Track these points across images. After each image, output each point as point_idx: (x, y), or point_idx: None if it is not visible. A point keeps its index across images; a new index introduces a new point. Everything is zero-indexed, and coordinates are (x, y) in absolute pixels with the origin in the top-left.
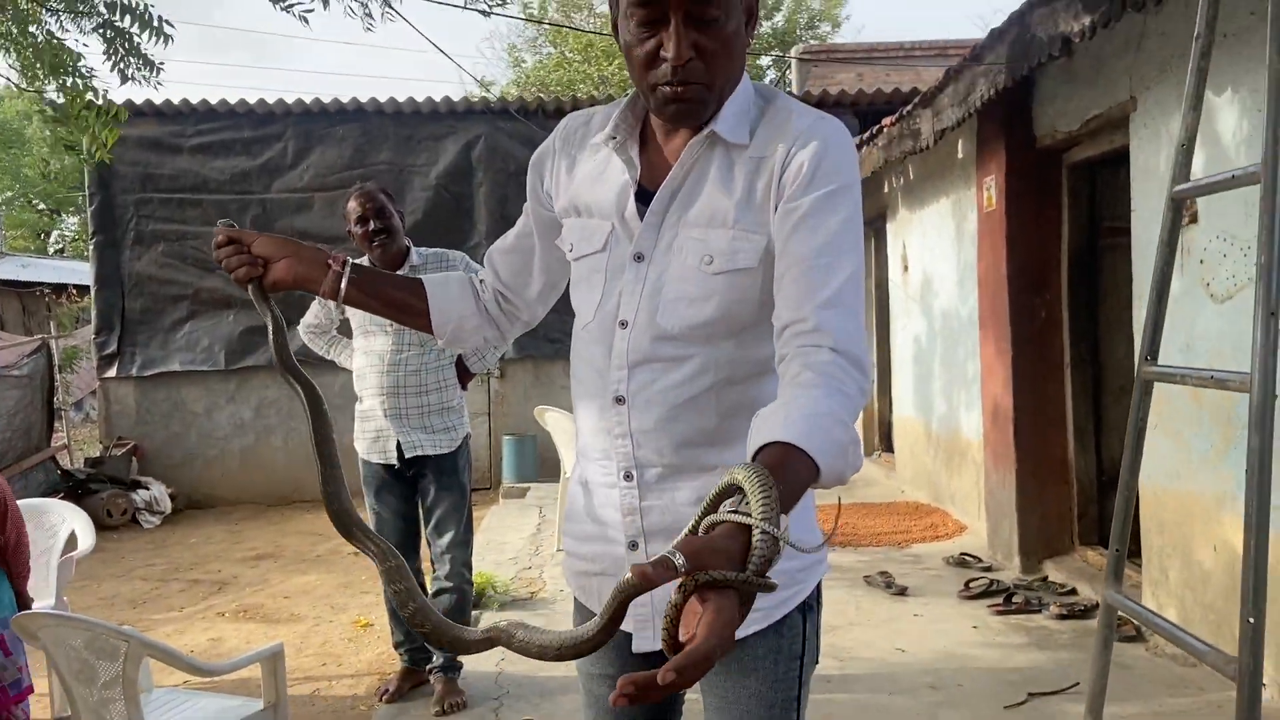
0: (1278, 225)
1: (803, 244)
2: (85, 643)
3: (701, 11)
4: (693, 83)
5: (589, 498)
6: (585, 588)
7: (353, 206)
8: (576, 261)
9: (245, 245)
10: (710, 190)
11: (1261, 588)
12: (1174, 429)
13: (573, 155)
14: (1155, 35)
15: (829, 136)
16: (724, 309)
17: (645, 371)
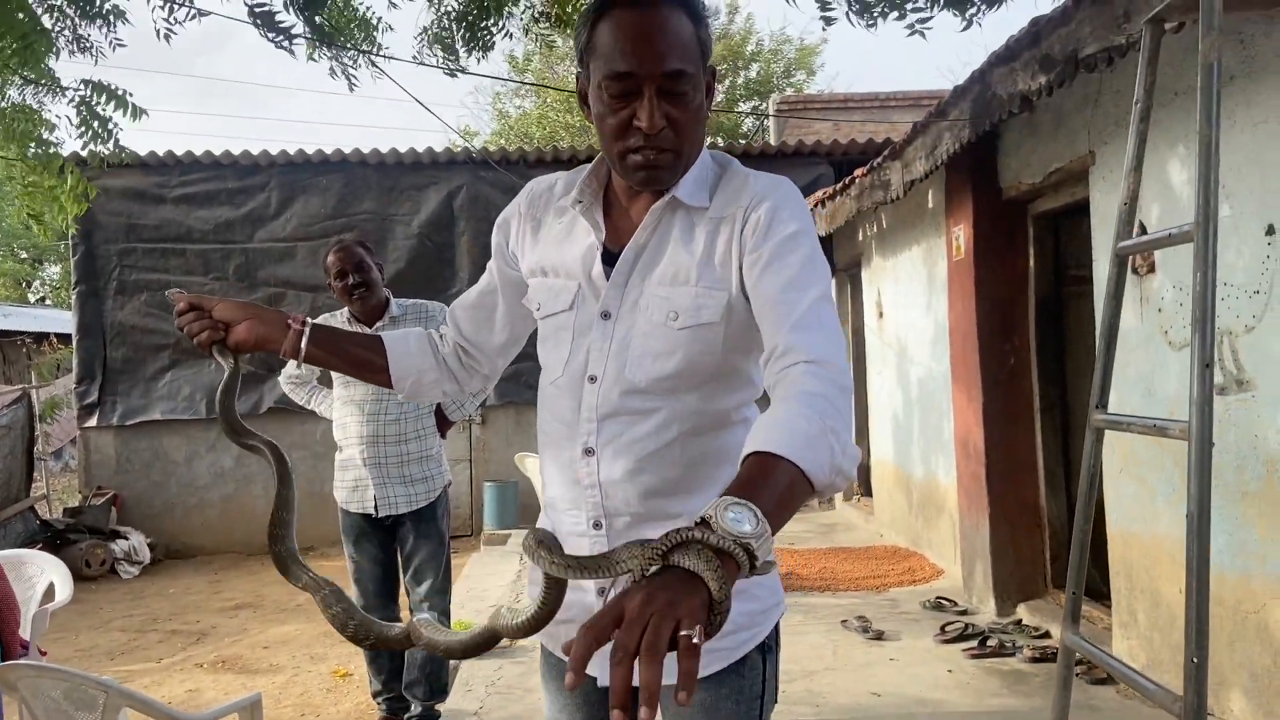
0: (1210, 282)
1: (770, 285)
2: (64, 693)
3: (673, 86)
4: (665, 149)
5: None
6: (554, 634)
7: (332, 261)
8: (544, 320)
9: (206, 311)
10: (673, 251)
11: (1204, 629)
12: (1139, 474)
13: (538, 218)
14: (1110, 93)
15: (781, 192)
16: (688, 362)
17: (614, 424)
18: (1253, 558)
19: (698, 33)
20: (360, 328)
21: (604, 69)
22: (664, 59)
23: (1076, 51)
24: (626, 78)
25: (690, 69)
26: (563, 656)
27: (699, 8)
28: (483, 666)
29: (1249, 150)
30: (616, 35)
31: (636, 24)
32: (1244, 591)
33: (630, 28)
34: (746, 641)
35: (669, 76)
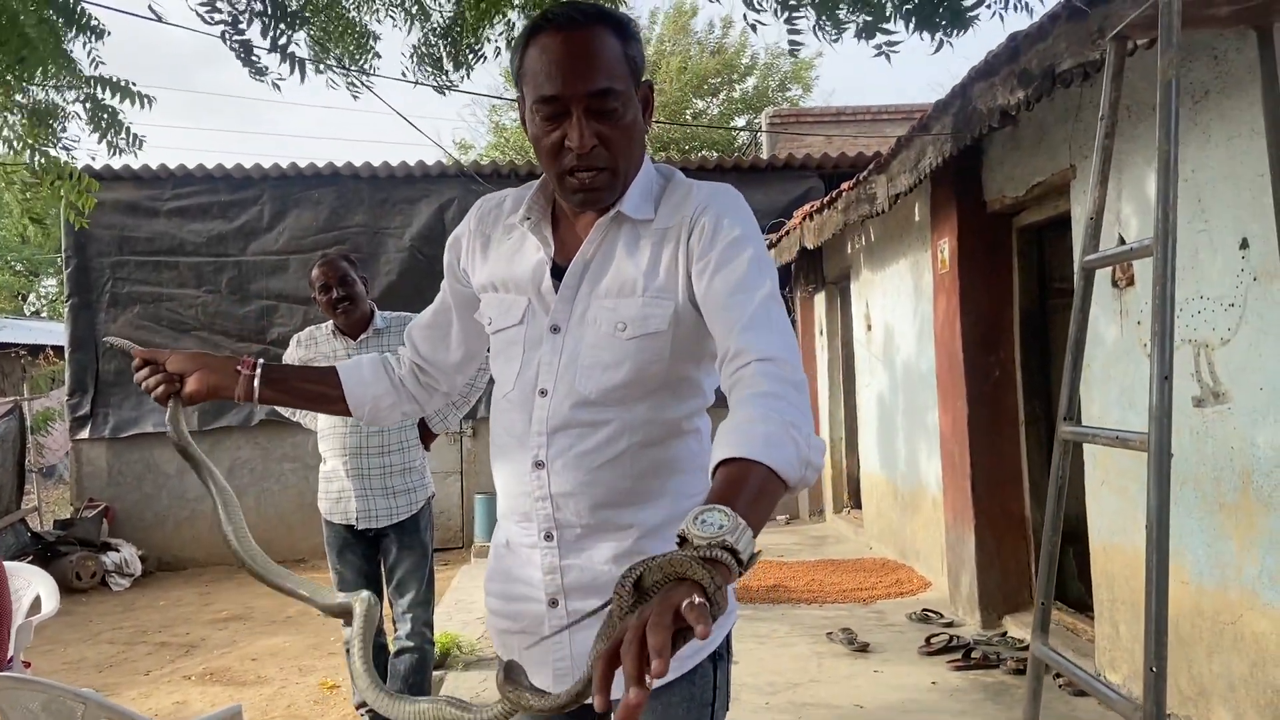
0: (1168, 295)
1: (719, 288)
2: (42, 705)
3: (600, 104)
4: (599, 168)
5: (510, 557)
6: (508, 645)
7: (316, 275)
8: (495, 334)
9: (159, 365)
10: (619, 263)
11: (1163, 639)
12: (1120, 486)
13: (487, 235)
14: (1090, 107)
15: (723, 200)
16: (637, 371)
17: (564, 437)
18: (1230, 569)
19: (626, 50)
20: (345, 340)
21: (534, 93)
22: (589, 79)
23: (1054, 66)
24: (554, 100)
25: (618, 86)
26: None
27: (626, 25)
28: (468, 678)
29: (1223, 164)
30: (543, 59)
31: (561, 46)
32: (1222, 602)
33: (556, 50)
34: (699, 650)
35: (595, 96)
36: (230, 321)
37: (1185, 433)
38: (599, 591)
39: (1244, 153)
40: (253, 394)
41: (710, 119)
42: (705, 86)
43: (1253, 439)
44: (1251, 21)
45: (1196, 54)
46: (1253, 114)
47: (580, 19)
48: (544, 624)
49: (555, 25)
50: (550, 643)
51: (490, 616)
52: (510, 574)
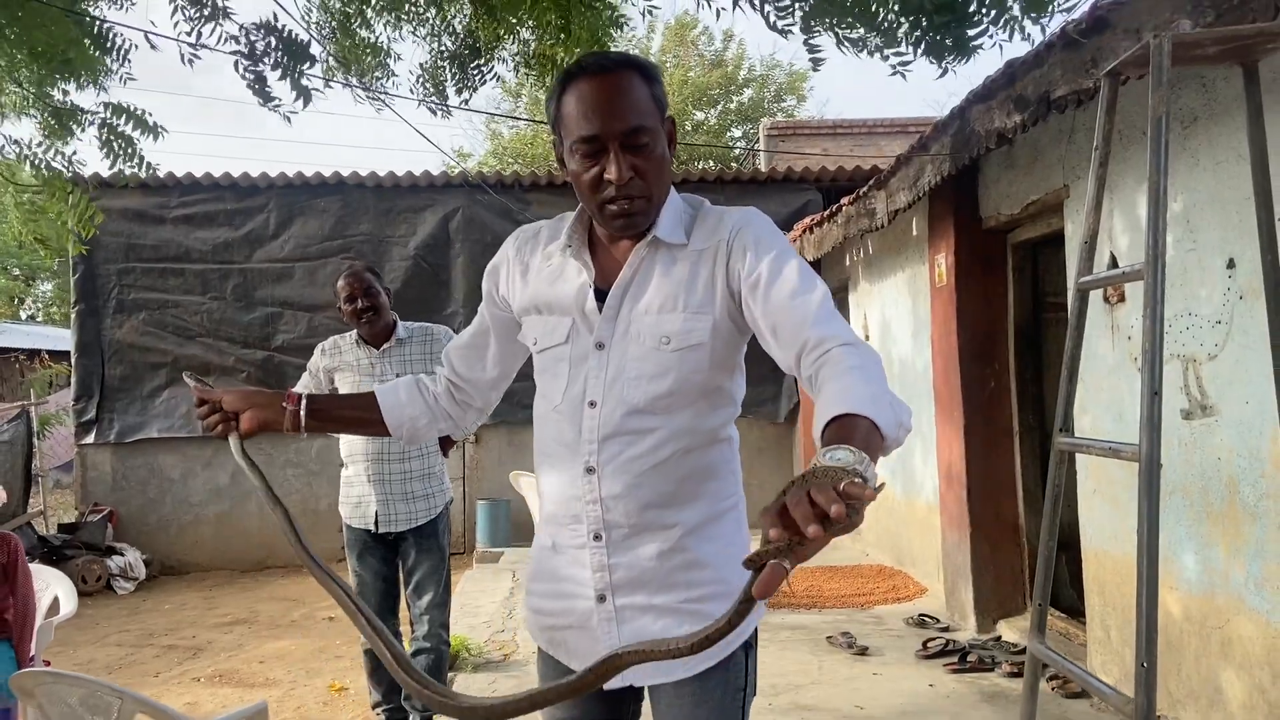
0: (1158, 316)
1: (778, 296)
2: (80, 699)
3: (634, 140)
4: (635, 197)
5: (557, 558)
6: (554, 640)
7: (342, 286)
8: (541, 353)
9: (215, 404)
10: (658, 283)
11: (1153, 636)
12: (1112, 494)
13: (525, 263)
14: (1084, 130)
15: (757, 221)
16: (680, 381)
17: (614, 444)
18: (1217, 575)
19: (652, 91)
20: (368, 349)
21: (573, 134)
22: (623, 118)
23: (1049, 93)
24: (593, 140)
25: (648, 123)
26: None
27: (651, 69)
28: (477, 680)
29: (1211, 188)
30: (580, 103)
31: (596, 91)
32: (1209, 608)
33: (591, 95)
34: (733, 640)
35: (629, 133)
36: (235, 328)
37: (1174, 444)
38: (645, 586)
39: (1231, 177)
40: (299, 425)
41: (709, 129)
42: (705, 98)
43: (1239, 450)
44: (1237, 59)
45: (1187, 82)
46: (1239, 140)
47: (610, 65)
48: (592, 618)
49: (588, 72)
50: (599, 634)
51: (534, 615)
52: (558, 574)
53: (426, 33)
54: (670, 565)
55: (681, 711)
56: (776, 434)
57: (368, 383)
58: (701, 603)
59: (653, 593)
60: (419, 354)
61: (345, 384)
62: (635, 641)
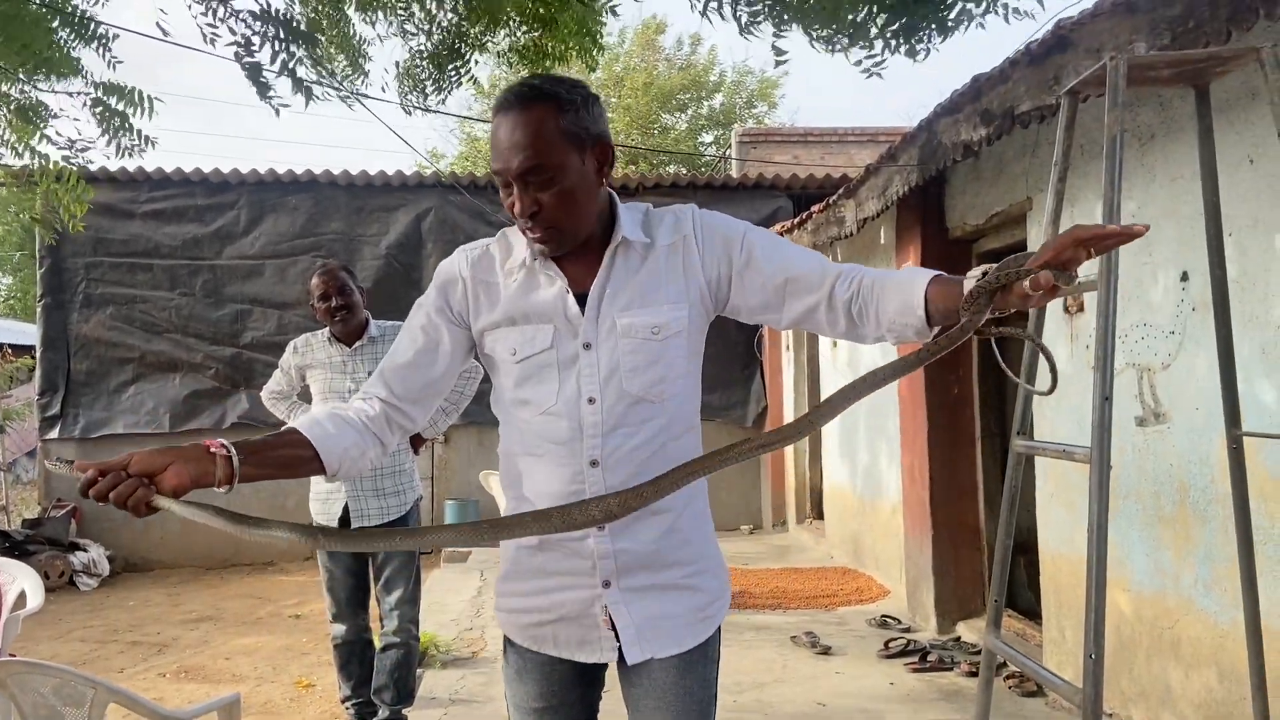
0: (1110, 326)
1: (780, 256)
2: (53, 689)
3: (533, 177)
4: (545, 227)
5: (544, 554)
6: (539, 636)
7: (316, 284)
8: (522, 362)
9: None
10: (636, 280)
11: (1100, 628)
12: (1068, 499)
13: (487, 281)
14: (1047, 144)
15: (706, 214)
16: (667, 368)
17: (616, 437)
18: (1168, 577)
19: (562, 123)
20: (340, 347)
21: (492, 164)
22: (519, 159)
23: (1013, 108)
24: (501, 174)
25: (551, 160)
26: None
27: (567, 99)
28: (445, 676)
29: (1166, 202)
30: (494, 136)
31: (505, 127)
32: (1160, 609)
33: (501, 131)
34: (715, 616)
35: (526, 173)
36: (204, 325)
37: (1128, 450)
38: (647, 568)
39: (1185, 192)
40: (234, 476)
41: (678, 134)
42: (673, 102)
43: (1190, 456)
44: (1190, 81)
45: (1145, 100)
46: (1193, 157)
47: (519, 102)
48: (594, 605)
49: (504, 106)
50: (599, 620)
51: (512, 615)
52: (546, 569)
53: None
54: (668, 545)
55: (668, 679)
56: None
57: (339, 380)
58: (693, 577)
59: (654, 572)
60: None
61: (317, 382)
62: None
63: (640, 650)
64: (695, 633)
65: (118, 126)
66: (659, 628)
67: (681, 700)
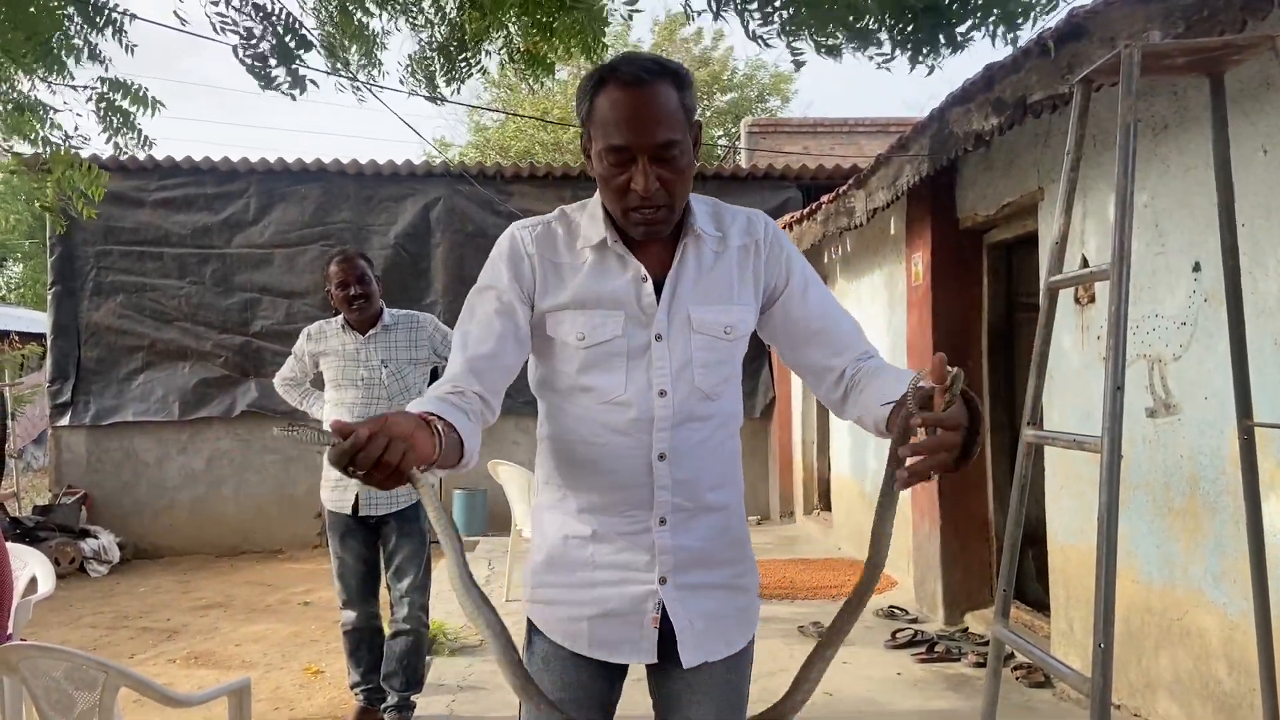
0: (1122, 315)
1: (826, 306)
2: (65, 673)
3: (663, 153)
4: (660, 206)
5: (596, 546)
6: (574, 631)
7: (334, 271)
8: (590, 348)
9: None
10: (709, 277)
11: (1110, 618)
12: (1078, 490)
13: (555, 261)
14: (1059, 133)
15: (781, 230)
16: (734, 368)
17: (685, 430)
18: (1177, 569)
19: (682, 99)
20: (354, 335)
21: (603, 140)
22: (654, 133)
23: (1025, 97)
24: (623, 150)
25: (677, 136)
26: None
27: (683, 76)
28: (454, 664)
29: (1179, 193)
30: (613, 111)
31: (629, 102)
32: (1169, 600)
33: (624, 105)
34: (756, 617)
35: (660, 147)
36: (213, 313)
37: (1139, 442)
38: (701, 565)
39: (1199, 183)
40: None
41: None
42: None
43: (1200, 448)
44: (1205, 70)
45: (1159, 90)
46: (1207, 148)
47: (646, 76)
48: (647, 601)
49: (624, 81)
50: (647, 617)
51: (548, 607)
52: (595, 562)
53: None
54: (721, 544)
55: (714, 679)
56: (751, 428)
57: (352, 368)
58: (740, 578)
59: (708, 570)
60: (404, 340)
61: (330, 369)
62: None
63: (697, 652)
64: (744, 633)
65: (119, 124)
66: (713, 628)
67: (726, 695)
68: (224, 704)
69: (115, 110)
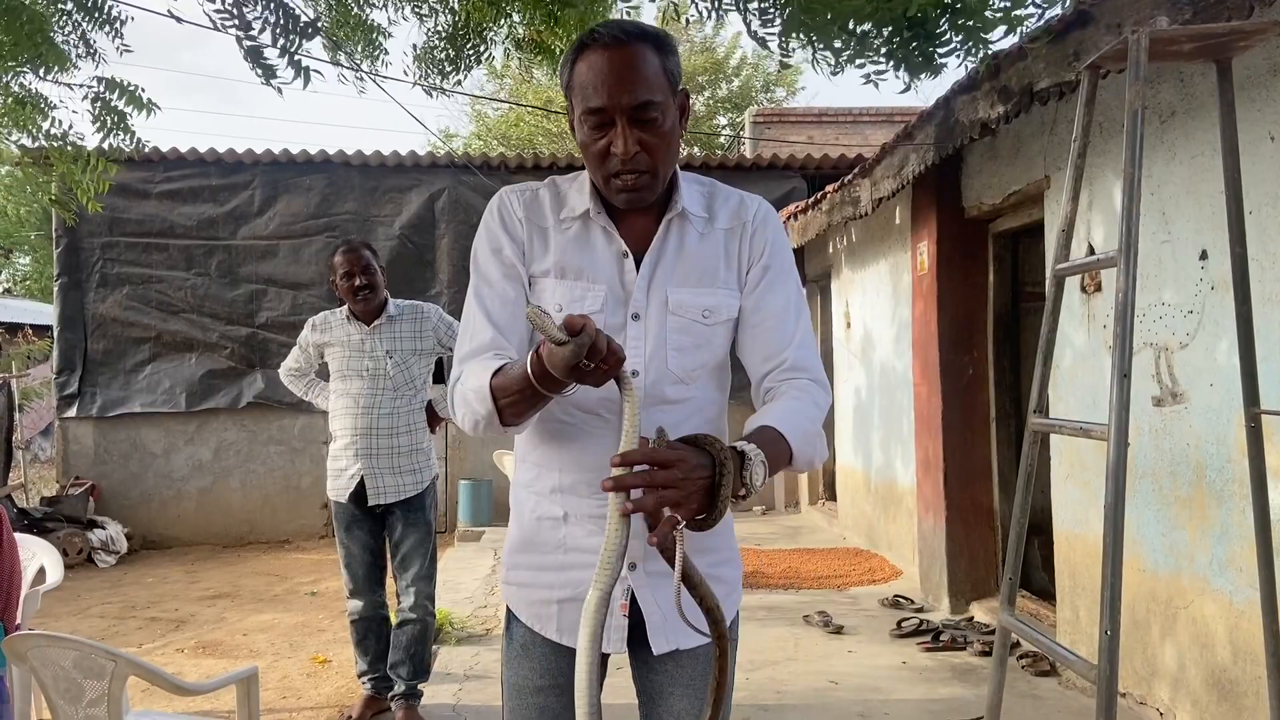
0: (1129, 302)
1: (774, 302)
2: (74, 662)
3: (641, 115)
4: (641, 171)
5: (567, 529)
6: (543, 615)
7: (340, 261)
8: None
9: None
10: (692, 257)
11: (1117, 605)
12: (1084, 479)
13: (542, 226)
14: (1065, 121)
15: (774, 217)
16: (711, 354)
17: (655, 414)
18: (1183, 557)
19: (664, 63)
20: (358, 325)
21: (582, 104)
22: (632, 93)
23: (1032, 85)
24: (601, 112)
25: (658, 98)
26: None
27: (665, 41)
28: (460, 652)
29: (1186, 181)
30: (590, 74)
31: (608, 63)
32: (1175, 588)
33: (602, 66)
34: (734, 606)
35: (637, 108)
36: (219, 304)
37: (1145, 430)
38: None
39: (1206, 171)
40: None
41: (694, 116)
42: (692, 83)
43: (1207, 436)
44: (1212, 56)
45: (1166, 77)
46: (1214, 135)
47: (624, 37)
48: (616, 587)
49: (601, 43)
50: (615, 604)
51: (520, 589)
52: (567, 544)
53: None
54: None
55: (696, 671)
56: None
57: (357, 359)
58: (717, 567)
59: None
60: (409, 331)
61: (335, 359)
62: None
63: (666, 640)
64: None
65: (114, 124)
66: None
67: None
68: (232, 693)
69: (110, 110)
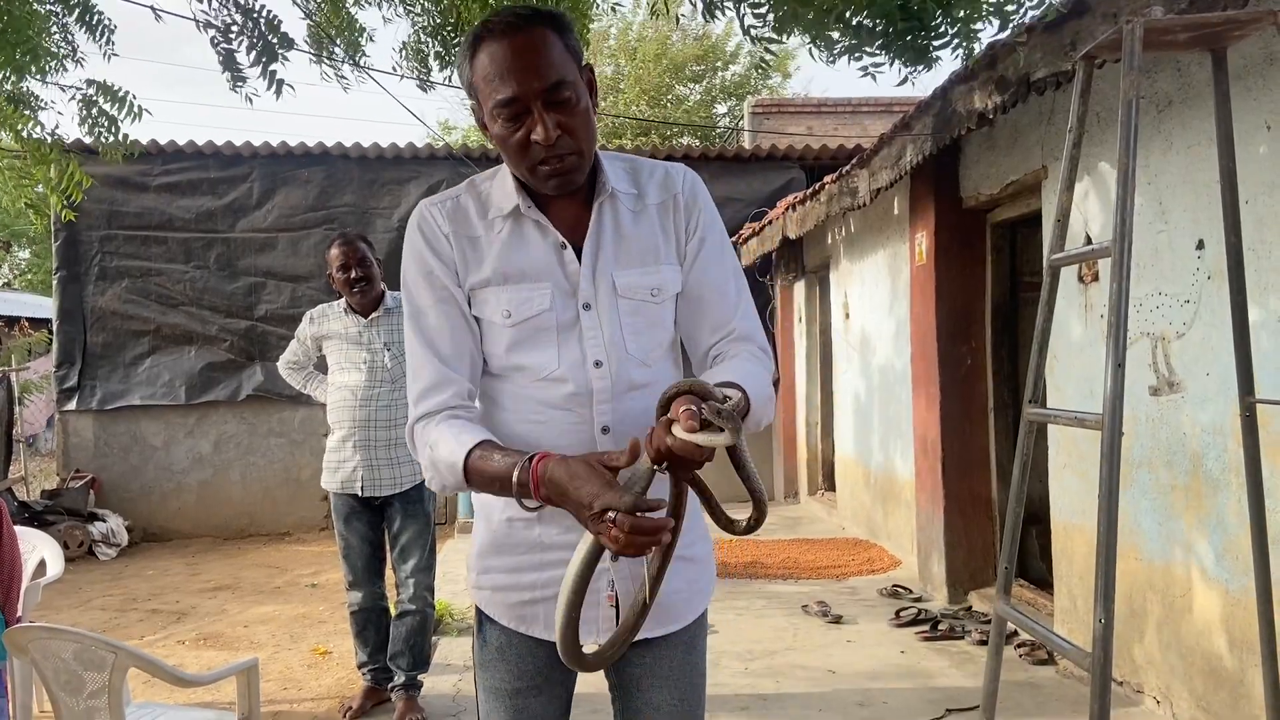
0: (1123, 292)
1: (715, 273)
2: (74, 654)
3: (556, 96)
4: (567, 154)
5: (544, 526)
6: (524, 615)
7: (335, 254)
8: (518, 325)
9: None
10: (631, 238)
11: (1110, 593)
12: (1082, 469)
13: (471, 235)
14: (1062, 111)
15: (701, 185)
16: (666, 331)
17: (625, 401)
18: (1180, 546)
19: (566, 42)
20: (355, 318)
21: (491, 98)
22: (542, 76)
23: (1028, 74)
24: (513, 102)
25: (568, 76)
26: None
27: (562, 19)
28: (459, 644)
29: (1183, 170)
30: (494, 65)
31: (510, 50)
32: (1171, 577)
33: (505, 55)
34: (708, 591)
35: (550, 89)
36: (218, 297)
37: (1142, 420)
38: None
39: (1202, 160)
40: None
41: (691, 106)
42: (687, 73)
43: (1204, 425)
44: (1207, 45)
45: (1163, 66)
46: (1210, 124)
47: (519, 22)
48: (601, 579)
49: (499, 32)
50: (601, 596)
51: (496, 593)
52: (542, 543)
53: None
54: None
55: (674, 661)
56: None
57: (355, 351)
58: (690, 547)
59: None
60: None
61: (333, 352)
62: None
63: (648, 626)
64: (694, 606)
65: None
66: (662, 603)
67: (687, 675)
68: (233, 684)
69: (102, 115)
